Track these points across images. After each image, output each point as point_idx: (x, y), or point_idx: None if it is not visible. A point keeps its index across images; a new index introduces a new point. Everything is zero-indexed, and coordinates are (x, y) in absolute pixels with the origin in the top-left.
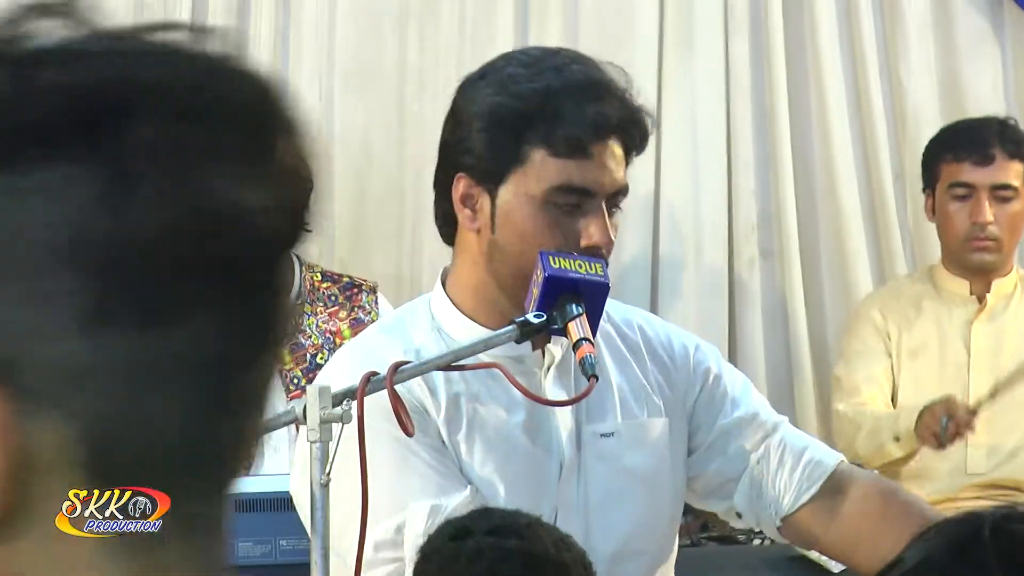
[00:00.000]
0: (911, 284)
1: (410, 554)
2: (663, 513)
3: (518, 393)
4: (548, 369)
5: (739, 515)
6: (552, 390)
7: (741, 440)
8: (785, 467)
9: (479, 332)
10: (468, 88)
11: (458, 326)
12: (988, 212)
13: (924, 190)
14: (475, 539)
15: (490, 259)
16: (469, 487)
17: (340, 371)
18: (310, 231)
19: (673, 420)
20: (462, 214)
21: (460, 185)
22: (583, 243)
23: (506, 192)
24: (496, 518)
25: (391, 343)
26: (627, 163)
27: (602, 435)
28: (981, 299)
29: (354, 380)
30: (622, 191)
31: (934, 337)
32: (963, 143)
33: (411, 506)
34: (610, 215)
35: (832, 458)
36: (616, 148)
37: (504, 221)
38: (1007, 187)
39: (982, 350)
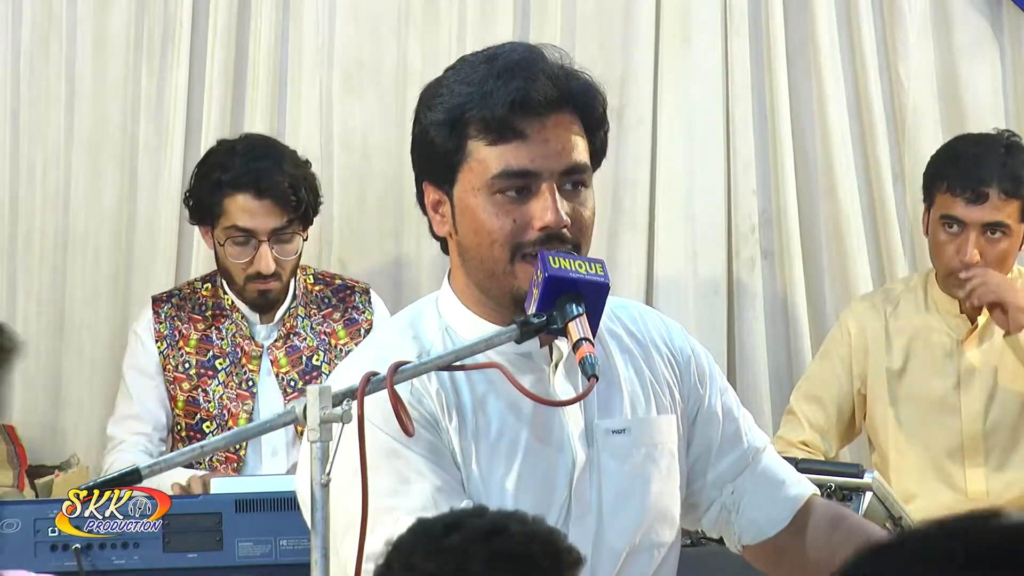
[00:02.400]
0: (905, 291)
1: None
2: (674, 506)
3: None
4: (556, 365)
5: (702, 530)
6: (561, 386)
7: (721, 466)
8: (754, 502)
9: (485, 327)
10: (423, 97)
11: (467, 324)
12: (974, 252)
13: (924, 200)
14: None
15: (463, 260)
16: (465, 503)
17: (357, 373)
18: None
19: (678, 418)
20: (435, 220)
21: (428, 192)
22: (536, 226)
23: (459, 190)
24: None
25: (406, 344)
26: (592, 141)
27: (613, 431)
28: (972, 318)
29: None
30: (576, 169)
31: (920, 353)
32: (960, 176)
33: (401, 519)
34: (573, 194)
35: (800, 493)
36: (561, 124)
37: (461, 219)
38: (998, 226)
39: (973, 371)
